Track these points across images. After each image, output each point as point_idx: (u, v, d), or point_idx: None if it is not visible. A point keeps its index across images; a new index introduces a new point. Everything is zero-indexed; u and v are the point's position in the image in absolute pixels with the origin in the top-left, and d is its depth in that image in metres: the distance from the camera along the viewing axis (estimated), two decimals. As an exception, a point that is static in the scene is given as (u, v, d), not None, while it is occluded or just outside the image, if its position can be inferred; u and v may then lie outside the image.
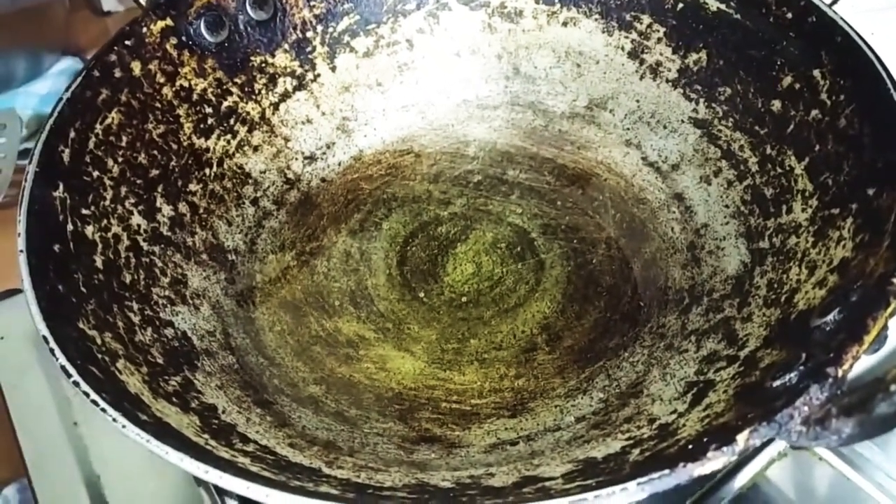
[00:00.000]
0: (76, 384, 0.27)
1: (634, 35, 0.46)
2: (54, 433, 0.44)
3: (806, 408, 0.23)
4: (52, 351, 0.28)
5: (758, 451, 0.39)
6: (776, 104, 0.39)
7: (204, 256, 0.41)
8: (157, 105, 0.42)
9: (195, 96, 0.44)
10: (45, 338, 0.29)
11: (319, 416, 0.35)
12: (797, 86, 0.38)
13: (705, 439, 0.26)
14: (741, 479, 0.39)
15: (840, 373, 0.24)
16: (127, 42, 0.41)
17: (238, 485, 0.24)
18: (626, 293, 0.40)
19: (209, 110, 0.44)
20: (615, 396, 0.36)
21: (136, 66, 0.41)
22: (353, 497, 0.25)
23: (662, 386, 0.35)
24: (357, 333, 0.40)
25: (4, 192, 0.56)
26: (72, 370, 0.28)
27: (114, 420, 0.26)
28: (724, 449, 0.23)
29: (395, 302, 0.41)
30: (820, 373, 0.24)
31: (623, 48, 0.46)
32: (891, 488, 0.37)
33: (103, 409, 0.26)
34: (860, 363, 0.26)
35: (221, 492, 0.38)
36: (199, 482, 0.39)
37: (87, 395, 0.27)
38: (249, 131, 0.46)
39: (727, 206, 0.41)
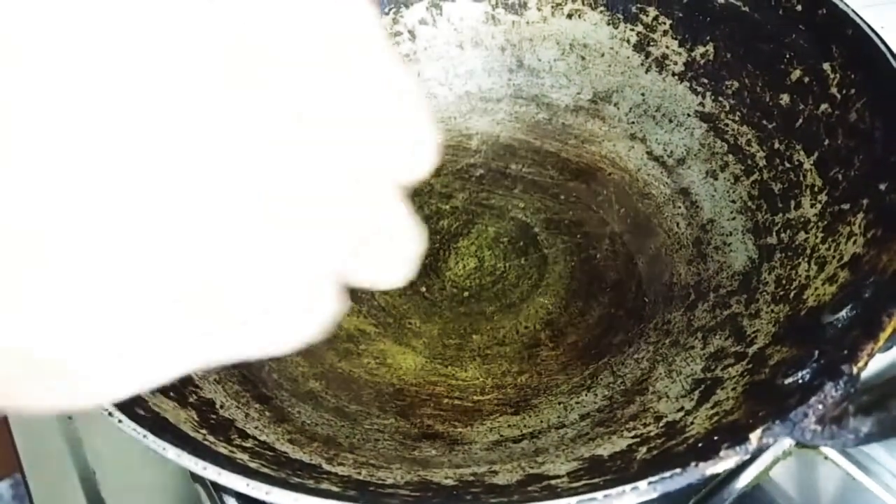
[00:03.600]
0: (71, 377, 0.26)
1: (640, 27, 0.45)
2: (49, 428, 0.43)
3: (820, 406, 0.23)
4: (46, 343, 0.27)
5: (762, 450, 0.38)
6: (785, 98, 0.39)
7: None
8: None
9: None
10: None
11: (319, 412, 0.35)
12: (806, 79, 0.38)
13: (716, 437, 0.25)
14: (745, 479, 0.38)
15: (855, 370, 0.23)
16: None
17: (238, 481, 0.23)
18: (631, 289, 0.40)
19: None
20: (620, 393, 0.35)
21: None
22: (355, 495, 0.25)
23: (668, 383, 0.34)
24: (357, 328, 0.39)
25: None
26: (66, 363, 0.27)
27: (109, 414, 0.26)
28: (738, 448, 0.23)
29: (396, 296, 0.41)
30: (834, 370, 0.24)
31: (629, 41, 0.46)
32: (898, 488, 0.37)
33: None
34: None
35: (218, 487, 0.37)
36: (195, 478, 0.38)
37: (82, 388, 0.26)
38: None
39: (734, 202, 0.40)
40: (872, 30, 0.35)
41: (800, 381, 0.26)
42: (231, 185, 0.12)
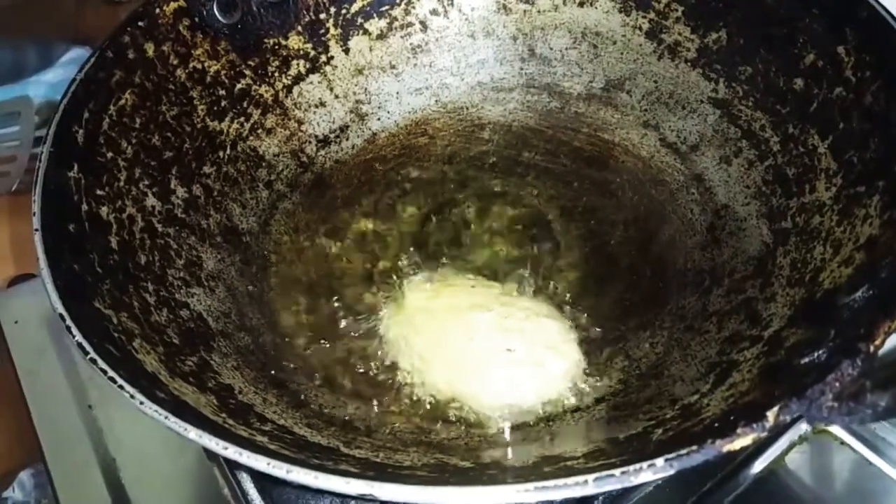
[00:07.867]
0: (93, 361, 0.27)
1: (652, 14, 0.45)
2: (69, 417, 0.44)
3: (837, 383, 0.23)
4: (68, 328, 0.28)
5: (776, 435, 0.38)
6: (798, 82, 0.39)
7: (218, 239, 0.41)
8: (171, 87, 0.42)
9: (208, 78, 0.43)
10: (61, 315, 0.28)
11: (336, 395, 0.35)
12: (820, 63, 0.38)
13: (732, 417, 0.25)
14: (759, 465, 0.38)
15: (871, 348, 0.23)
16: (140, 23, 0.41)
17: (259, 461, 0.24)
18: (645, 275, 0.40)
19: (222, 92, 0.44)
20: (635, 378, 0.35)
21: (150, 48, 0.41)
22: (374, 475, 0.25)
23: (683, 367, 0.34)
24: (373, 311, 0.39)
25: (20, 178, 0.56)
26: (88, 348, 0.27)
27: (131, 397, 0.26)
28: (754, 425, 0.23)
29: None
30: (851, 348, 0.24)
31: (641, 28, 0.46)
32: (915, 472, 0.37)
33: (121, 387, 0.26)
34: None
35: (233, 467, 0.38)
36: (210, 456, 0.39)
37: (104, 372, 0.26)
38: (263, 114, 0.45)
39: (748, 187, 0.40)
40: (887, 11, 0.35)
41: (816, 361, 0.26)
42: None
